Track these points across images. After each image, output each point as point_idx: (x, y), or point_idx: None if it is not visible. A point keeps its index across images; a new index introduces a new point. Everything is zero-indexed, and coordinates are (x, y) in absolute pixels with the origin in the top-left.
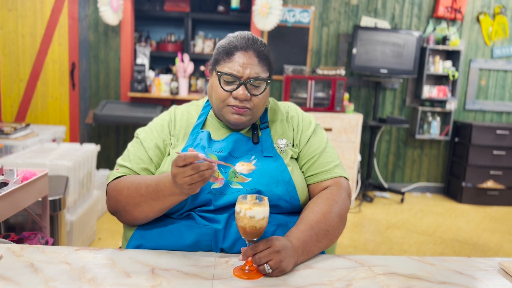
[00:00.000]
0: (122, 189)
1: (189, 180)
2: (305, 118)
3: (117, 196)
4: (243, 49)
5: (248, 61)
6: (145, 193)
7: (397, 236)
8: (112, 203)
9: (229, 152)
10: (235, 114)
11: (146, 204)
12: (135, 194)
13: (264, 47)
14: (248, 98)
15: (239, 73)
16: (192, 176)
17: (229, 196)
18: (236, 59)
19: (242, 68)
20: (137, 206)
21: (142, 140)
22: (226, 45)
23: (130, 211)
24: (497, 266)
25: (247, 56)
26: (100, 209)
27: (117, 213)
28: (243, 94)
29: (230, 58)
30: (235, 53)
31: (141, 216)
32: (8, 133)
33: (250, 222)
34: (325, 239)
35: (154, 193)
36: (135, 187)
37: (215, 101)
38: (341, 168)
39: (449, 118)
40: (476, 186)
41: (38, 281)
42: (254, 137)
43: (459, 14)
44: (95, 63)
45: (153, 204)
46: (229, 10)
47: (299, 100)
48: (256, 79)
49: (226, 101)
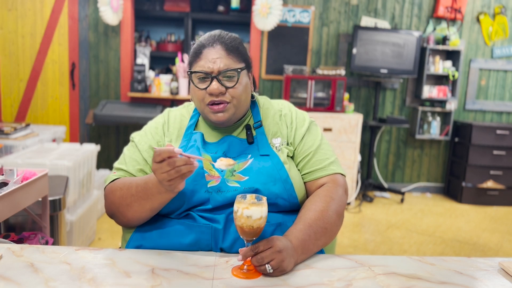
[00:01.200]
0: (115, 190)
1: (166, 176)
2: (299, 115)
3: (111, 197)
4: (209, 45)
5: (216, 55)
6: (135, 193)
7: (397, 236)
8: (108, 205)
9: (223, 152)
10: (216, 113)
11: (137, 203)
12: (127, 195)
13: (233, 40)
14: (222, 91)
15: (209, 69)
16: (169, 172)
17: (226, 194)
18: (204, 56)
19: (212, 64)
20: (129, 207)
21: (137, 143)
22: (195, 47)
23: (124, 212)
24: (497, 266)
25: (214, 51)
26: (100, 209)
27: (113, 215)
28: (217, 88)
29: (200, 56)
30: (202, 51)
31: (134, 217)
32: (8, 133)
33: (247, 221)
34: (324, 236)
35: (143, 192)
36: (126, 188)
37: (196, 104)
38: (336, 165)
39: (449, 118)
40: (476, 186)
41: (38, 281)
42: (249, 137)
43: (459, 14)
44: (95, 63)
45: (143, 204)
46: (229, 10)
47: (299, 100)
48: (226, 71)
49: (204, 100)
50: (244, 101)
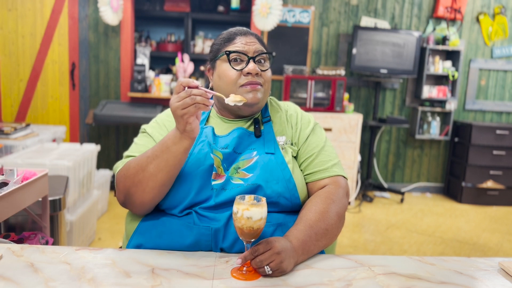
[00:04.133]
0: (130, 163)
1: (181, 104)
2: (304, 117)
3: (125, 172)
4: (242, 34)
5: (251, 40)
6: (150, 154)
7: (397, 236)
8: (121, 184)
9: (233, 148)
10: (250, 93)
11: (152, 164)
12: (142, 159)
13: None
14: (259, 72)
15: (246, 50)
16: (184, 99)
17: (230, 191)
18: (238, 40)
19: (247, 46)
20: (145, 171)
21: (150, 133)
22: (225, 35)
23: (140, 182)
24: (497, 266)
25: (247, 38)
26: (100, 209)
27: (128, 196)
28: (254, 68)
29: (233, 41)
30: (236, 37)
31: (151, 183)
32: (8, 133)
33: (247, 222)
34: (324, 238)
35: (159, 149)
36: (141, 156)
37: (227, 86)
38: (339, 167)
39: (449, 118)
40: (476, 186)
41: (38, 281)
42: (256, 130)
43: (459, 14)
44: (95, 63)
45: (159, 163)
46: (229, 10)
47: (299, 100)
48: (262, 53)
49: (238, 81)
50: (269, 89)
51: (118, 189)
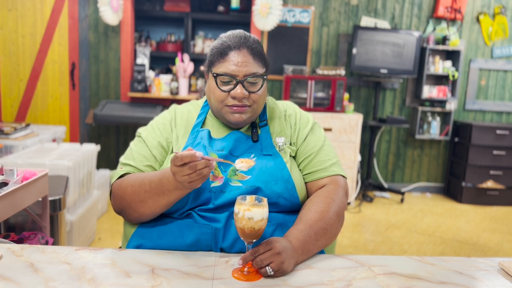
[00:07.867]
0: (126, 187)
1: (187, 178)
2: (303, 116)
3: (121, 194)
4: (236, 48)
5: (243, 59)
6: (149, 189)
7: (397, 236)
8: (117, 201)
9: (229, 150)
10: (235, 114)
11: (151, 200)
12: (140, 191)
13: (256, 44)
14: (246, 96)
15: (235, 72)
16: (190, 175)
17: (229, 194)
18: (230, 58)
19: (238, 67)
20: (143, 203)
21: (144, 138)
22: (219, 46)
23: (136, 208)
24: (497, 266)
25: (241, 54)
26: (100, 209)
27: (123, 212)
28: (241, 93)
29: (225, 58)
30: (229, 52)
31: (147, 212)
32: (8, 133)
33: (248, 223)
34: (324, 237)
35: (158, 188)
36: (138, 184)
37: (214, 102)
38: (338, 166)
39: (449, 118)
40: (476, 186)
41: (38, 281)
42: (254, 135)
43: (459, 14)
44: (95, 63)
45: (158, 200)
46: (229, 10)
47: (299, 100)
48: (252, 76)
49: (224, 101)
50: (261, 106)
51: (113, 202)
